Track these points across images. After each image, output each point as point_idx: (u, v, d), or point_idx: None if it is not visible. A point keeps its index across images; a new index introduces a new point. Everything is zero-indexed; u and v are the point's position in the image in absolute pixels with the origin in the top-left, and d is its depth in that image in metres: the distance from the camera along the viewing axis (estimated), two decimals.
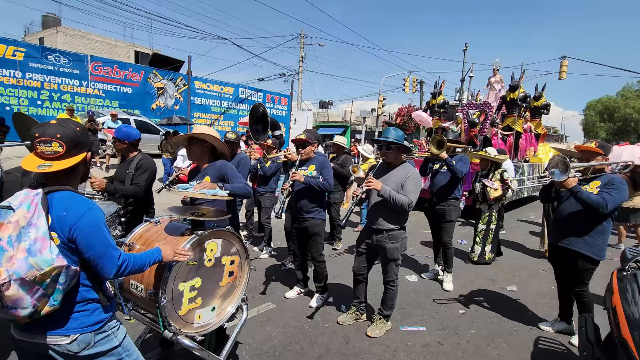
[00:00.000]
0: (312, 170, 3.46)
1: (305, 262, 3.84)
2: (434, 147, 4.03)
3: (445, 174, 4.28)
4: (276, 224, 5.41)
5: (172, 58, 19.22)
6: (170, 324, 1.93)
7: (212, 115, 17.87)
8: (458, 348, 3.02)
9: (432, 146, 4.05)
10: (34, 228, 1.29)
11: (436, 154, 4.02)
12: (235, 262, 2.28)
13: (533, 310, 3.79)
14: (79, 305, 1.43)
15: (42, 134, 1.36)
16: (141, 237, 2.16)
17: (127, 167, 3.15)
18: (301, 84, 23.44)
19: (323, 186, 3.35)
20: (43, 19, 26.32)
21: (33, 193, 1.35)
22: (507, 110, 10.18)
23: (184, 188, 2.24)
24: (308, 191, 3.41)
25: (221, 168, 2.58)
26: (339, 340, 3.05)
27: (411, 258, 5.34)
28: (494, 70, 11.22)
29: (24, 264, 1.24)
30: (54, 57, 12.76)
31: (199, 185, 2.28)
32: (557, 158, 2.75)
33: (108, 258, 1.41)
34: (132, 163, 3.16)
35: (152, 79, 15.56)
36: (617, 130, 37.15)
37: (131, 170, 3.11)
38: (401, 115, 24.72)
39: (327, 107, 36.18)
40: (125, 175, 3.11)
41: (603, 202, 2.67)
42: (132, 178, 3.11)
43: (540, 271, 4.95)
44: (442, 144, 4.01)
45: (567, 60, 16.67)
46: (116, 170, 3.35)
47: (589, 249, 2.85)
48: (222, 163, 2.61)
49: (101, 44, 25.03)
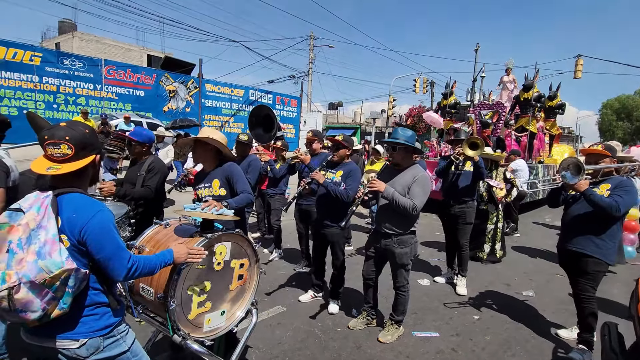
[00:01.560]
0: (339, 176, 3.35)
1: (322, 266, 3.78)
2: (468, 149, 3.91)
3: (465, 176, 4.16)
4: (286, 226, 5.39)
5: (183, 61, 19.52)
6: (180, 328, 1.90)
7: (222, 118, 18.02)
8: (473, 355, 2.93)
9: (465, 147, 3.93)
10: (43, 230, 1.28)
11: (470, 156, 3.90)
12: (244, 265, 2.25)
13: (550, 317, 3.66)
14: (88, 309, 1.42)
15: (50, 137, 1.36)
16: (151, 239, 2.14)
17: (139, 169, 3.16)
18: (311, 86, 23.49)
19: (340, 195, 3.20)
20: (59, 25, 27.02)
21: (43, 195, 1.34)
22: (521, 110, 9.97)
23: (192, 208, 2.22)
24: (329, 196, 3.28)
25: (227, 170, 2.57)
26: (350, 345, 3.00)
27: (423, 261, 5.24)
28: (507, 70, 11.01)
29: (34, 267, 1.23)
30: (69, 61, 13.06)
31: (205, 204, 2.26)
32: (569, 160, 2.74)
33: (118, 260, 1.40)
34: (144, 165, 3.16)
35: (164, 82, 15.79)
36: (635, 130, 36.12)
37: (142, 172, 3.12)
38: (412, 116, 24.51)
39: (336, 108, 36.17)
40: (137, 177, 3.11)
41: (616, 204, 2.63)
42: (144, 180, 3.11)
43: (557, 275, 4.80)
44: (476, 145, 3.89)
45: (582, 59, 16.31)
46: (127, 172, 3.36)
47: (600, 252, 2.79)
48: (229, 165, 2.60)
49: (115, 48, 25.56)
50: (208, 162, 2.63)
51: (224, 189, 2.57)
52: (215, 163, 2.63)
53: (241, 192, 2.53)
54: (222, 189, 2.57)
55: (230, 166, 2.59)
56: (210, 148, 2.57)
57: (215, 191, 2.58)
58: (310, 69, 23.04)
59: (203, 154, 2.59)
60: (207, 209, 2.21)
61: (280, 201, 5.01)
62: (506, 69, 11.06)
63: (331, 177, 3.36)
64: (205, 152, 2.58)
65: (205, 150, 2.57)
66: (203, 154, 2.59)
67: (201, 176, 2.70)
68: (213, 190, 2.58)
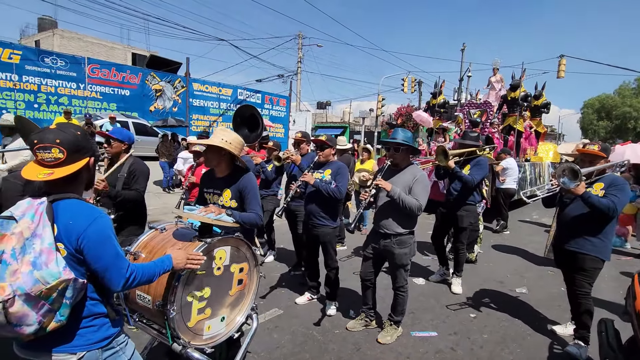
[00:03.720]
0: (328, 174, 3.35)
1: (316, 268, 3.75)
2: (440, 158, 3.93)
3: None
4: (279, 227, 5.33)
5: (169, 60, 19.18)
6: (179, 337, 1.84)
7: (210, 117, 17.77)
8: (472, 354, 2.95)
9: (439, 157, 3.95)
10: (38, 239, 1.21)
11: (444, 165, 3.91)
12: (244, 269, 2.20)
13: (545, 313, 3.72)
14: (85, 320, 1.35)
15: (40, 140, 1.29)
16: (147, 245, 2.07)
17: (118, 170, 3.04)
18: (299, 85, 23.38)
19: (332, 193, 3.21)
20: (39, 22, 26.14)
21: (37, 202, 1.27)
22: (508, 109, 10.14)
23: (190, 209, 2.14)
24: (319, 196, 3.30)
25: (243, 184, 2.33)
26: (350, 347, 2.98)
27: (417, 261, 5.27)
28: (494, 70, 11.18)
29: (29, 278, 1.16)
30: (50, 59, 12.64)
31: (204, 208, 2.16)
32: (564, 165, 2.77)
33: (116, 269, 1.34)
34: (124, 167, 3.05)
35: (150, 81, 15.46)
36: (615, 128, 37.23)
37: (123, 174, 3.00)
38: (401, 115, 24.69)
39: (325, 107, 36.17)
40: (117, 179, 2.99)
41: (613, 205, 2.68)
42: (126, 182, 3.00)
43: (548, 272, 4.89)
44: (446, 153, 3.89)
45: (565, 59, 16.71)
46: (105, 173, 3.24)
47: (597, 250, 2.85)
48: (246, 179, 2.35)
49: (98, 46, 24.87)
50: (220, 167, 2.38)
51: (235, 202, 2.34)
52: (229, 169, 2.38)
53: (251, 211, 2.31)
54: (233, 200, 2.34)
55: (248, 180, 2.34)
56: (225, 153, 2.31)
57: (226, 202, 2.34)
58: (299, 68, 22.94)
59: (216, 159, 2.34)
60: (204, 213, 2.14)
61: (273, 202, 4.95)
62: (493, 68, 11.22)
63: (320, 177, 3.36)
64: (218, 158, 2.32)
65: (219, 155, 2.31)
66: (216, 159, 2.33)
67: (210, 178, 2.47)
68: (223, 200, 2.36)
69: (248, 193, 2.32)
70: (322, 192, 3.22)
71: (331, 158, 3.48)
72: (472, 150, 4.19)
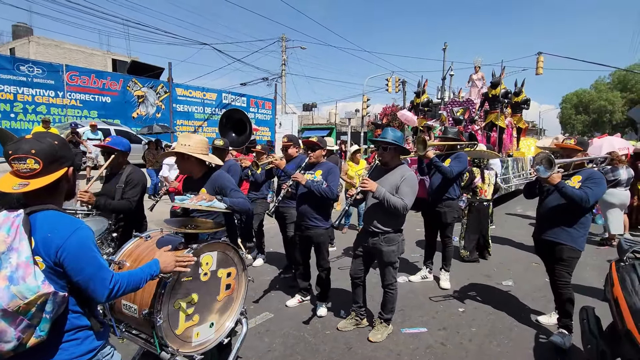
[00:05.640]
0: (319, 175, 3.37)
1: (308, 270, 3.74)
2: (419, 147, 4.00)
3: (439, 174, 4.23)
4: (268, 230, 5.31)
5: (151, 65, 18.87)
6: (167, 345, 1.82)
7: (195, 122, 17.56)
8: (461, 348, 3.00)
9: (418, 146, 4.03)
10: (15, 253, 1.17)
11: (421, 155, 3.99)
12: (231, 274, 2.19)
13: (530, 304, 3.81)
14: (68, 334, 1.31)
15: (15, 151, 1.25)
16: (132, 253, 2.04)
17: (117, 181, 2.98)
18: (284, 88, 23.34)
19: (324, 193, 3.24)
20: (13, 29, 25.37)
21: (13, 215, 1.23)
22: (490, 106, 10.36)
23: (181, 200, 2.12)
24: (311, 197, 3.30)
25: (216, 180, 2.41)
26: (341, 347, 2.99)
27: (406, 258, 5.32)
28: (476, 68, 11.41)
29: (6, 294, 1.13)
30: (26, 67, 12.29)
31: (195, 197, 2.16)
32: (542, 155, 2.87)
33: (99, 281, 1.31)
34: (122, 176, 2.99)
35: (132, 87, 15.19)
36: (592, 122, 38.39)
37: (121, 184, 2.94)
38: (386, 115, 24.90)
39: (311, 109, 36.25)
40: (116, 190, 2.94)
41: (585, 196, 2.78)
42: (123, 192, 2.95)
43: (533, 264, 5.01)
44: (425, 143, 3.98)
45: (543, 57, 17.17)
46: (105, 185, 3.17)
47: (573, 240, 2.95)
48: (217, 175, 2.44)
49: (76, 53, 24.28)
50: (194, 171, 2.48)
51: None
52: (201, 171, 2.47)
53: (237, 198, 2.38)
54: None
55: (219, 177, 2.43)
56: (188, 157, 2.39)
57: None
58: (284, 71, 22.90)
59: (186, 165, 2.43)
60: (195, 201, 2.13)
61: (263, 206, 4.93)
62: (475, 66, 11.45)
63: (311, 177, 3.37)
64: (187, 163, 2.41)
65: (187, 161, 2.40)
66: (186, 165, 2.43)
67: (189, 182, 2.55)
68: None
69: (225, 185, 2.40)
70: (314, 193, 3.24)
71: (322, 159, 3.51)
72: (452, 144, 4.30)
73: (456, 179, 4.18)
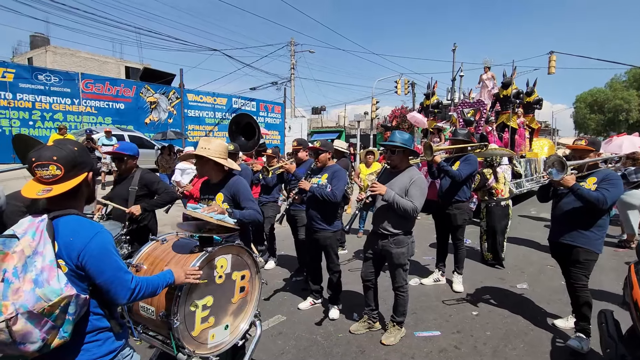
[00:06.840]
0: (324, 179, 3.39)
1: (319, 272, 3.76)
2: (427, 153, 3.96)
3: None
4: (279, 233, 5.34)
5: (163, 72, 19.19)
6: (184, 346, 1.85)
7: (206, 127, 17.81)
8: (475, 351, 2.96)
9: (425, 152, 3.99)
10: (40, 257, 1.22)
11: (429, 160, 3.95)
12: (246, 277, 2.21)
13: (546, 308, 3.74)
14: (89, 335, 1.36)
15: (38, 158, 1.31)
16: (149, 256, 2.08)
17: (129, 184, 3.06)
18: (293, 91, 23.50)
19: (327, 197, 3.25)
20: (31, 39, 26.22)
21: (37, 220, 1.28)
22: (501, 107, 10.23)
23: (193, 208, 2.16)
24: (317, 200, 3.34)
25: (233, 186, 2.44)
26: (354, 350, 2.98)
27: (418, 261, 5.28)
28: (486, 68, 11.28)
29: (31, 296, 1.17)
30: (44, 76, 12.68)
31: (208, 208, 2.20)
32: (554, 157, 2.83)
33: (120, 282, 1.35)
34: (133, 179, 3.06)
35: (145, 93, 15.50)
36: (607, 121, 37.51)
37: (134, 187, 3.02)
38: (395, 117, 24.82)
39: (320, 112, 36.29)
40: (128, 193, 3.01)
41: (603, 198, 2.72)
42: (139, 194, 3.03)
43: (548, 267, 4.92)
44: (431, 148, 3.93)
45: (555, 55, 16.90)
46: (114, 188, 3.25)
47: (591, 243, 2.88)
48: (235, 181, 2.47)
49: (91, 61, 24.95)
50: (211, 175, 2.52)
51: (227, 204, 2.43)
52: (220, 175, 2.50)
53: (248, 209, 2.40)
54: (225, 203, 2.43)
55: (236, 183, 2.46)
56: (207, 160, 2.43)
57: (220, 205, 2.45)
58: (292, 75, 23.06)
59: (205, 168, 2.48)
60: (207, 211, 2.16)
61: (273, 209, 4.96)
62: (485, 67, 11.33)
63: (317, 181, 3.40)
64: (206, 166, 2.46)
65: (206, 164, 2.44)
66: (205, 168, 2.48)
67: (206, 186, 2.59)
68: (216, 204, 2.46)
69: (239, 194, 2.43)
70: (318, 197, 3.27)
71: (329, 162, 3.52)
72: (462, 147, 4.25)
73: (466, 182, 4.14)
